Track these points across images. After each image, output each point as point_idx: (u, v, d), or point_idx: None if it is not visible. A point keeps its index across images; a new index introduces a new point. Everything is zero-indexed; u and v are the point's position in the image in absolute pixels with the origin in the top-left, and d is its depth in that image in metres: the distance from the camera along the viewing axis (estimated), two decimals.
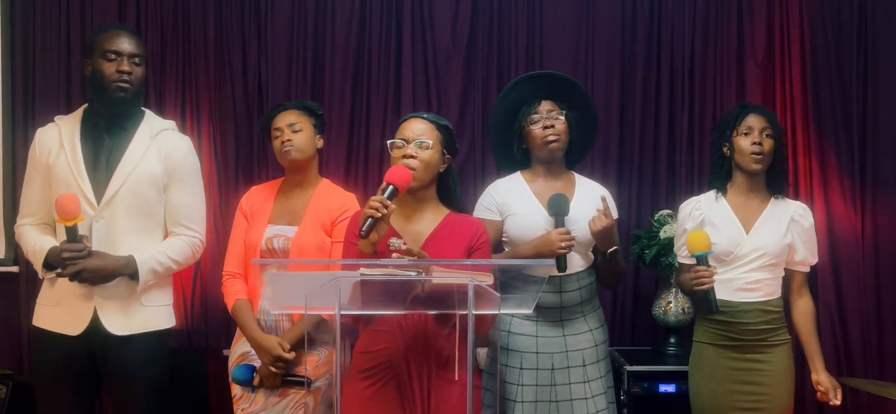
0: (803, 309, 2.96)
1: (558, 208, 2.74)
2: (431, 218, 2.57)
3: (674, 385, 3.36)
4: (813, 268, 3.04)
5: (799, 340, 2.96)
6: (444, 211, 2.61)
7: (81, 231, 2.69)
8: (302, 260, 2.82)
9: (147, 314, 2.82)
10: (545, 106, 2.86)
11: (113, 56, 2.79)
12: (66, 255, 2.64)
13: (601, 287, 2.96)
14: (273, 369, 2.80)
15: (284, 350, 2.79)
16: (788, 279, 2.96)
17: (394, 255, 2.35)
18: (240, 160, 3.77)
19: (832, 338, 3.66)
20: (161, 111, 3.72)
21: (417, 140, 2.52)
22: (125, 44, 2.81)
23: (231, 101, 3.75)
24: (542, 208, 2.81)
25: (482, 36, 3.80)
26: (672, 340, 3.63)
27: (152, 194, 2.83)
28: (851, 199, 3.70)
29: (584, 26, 3.82)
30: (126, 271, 2.74)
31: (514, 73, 3.77)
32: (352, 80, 3.78)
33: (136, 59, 2.81)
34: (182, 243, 2.88)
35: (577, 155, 3.00)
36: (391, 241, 2.47)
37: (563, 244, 2.68)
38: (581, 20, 3.82)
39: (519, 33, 3.80)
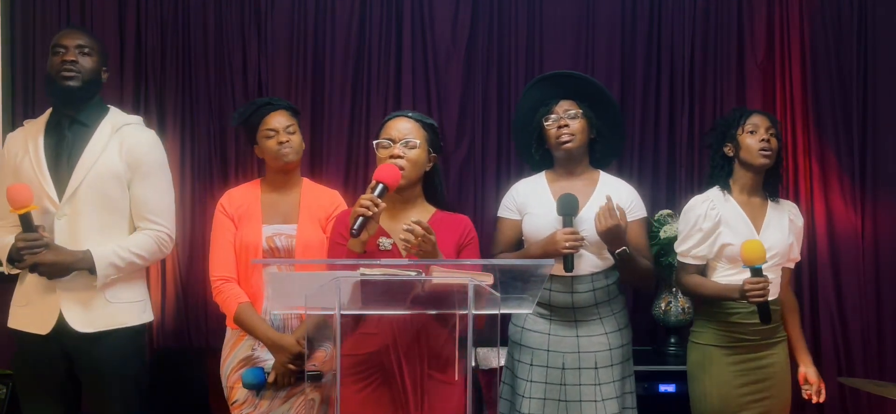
0: (792, 305, 3.04)
1: (566, 208, 2.73)
2: (419, 216, 2.57)
3: (674, 385, 3.36)
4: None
5: (788, 337, 2.99)
6: (431, 209, 2.63)
7: (44, 227, 2.70)
8: (309, 260, 2.83)
9: (114, 311, 2.80)
10: (562, 105, 2.86)
11: (59, 50, 2.80)
12: (20, 244, 2.64)
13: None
14: (292, 367, 2.79)
15: (302, 347, 2.78)
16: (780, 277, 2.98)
17: (401, 247, 2.33)
18: (239, 160, 3.76)
19: (832, 338, 3.66)
20: (161, 111, 3.73)
21: (404, 139, 2.53)
22: (70, 36, 2.83)
23: (231, 101, 3.75)
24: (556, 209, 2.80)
25: (482, 36, 3.80)
26: (672, 340, 3.63)
27: (114, 189, 2.81)
28: (851, 199, 3.70)
29: (584, 26, 3.81)
30: (82, 265, 2.73)
31: (514, 73, 3.78)
32: (352, 80, 3.77)
33: (85, 50, 2.81)
34: (146, 238, 2.85)
35: (601, 154, 2.97)
36: (380, 240, 2.47)
37: (567, 244, 2.67)
38: (581, 20, 3.81)
39: (519, 33, 3.80)
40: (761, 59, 3.77)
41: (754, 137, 2.89)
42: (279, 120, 2.93)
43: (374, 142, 2.59)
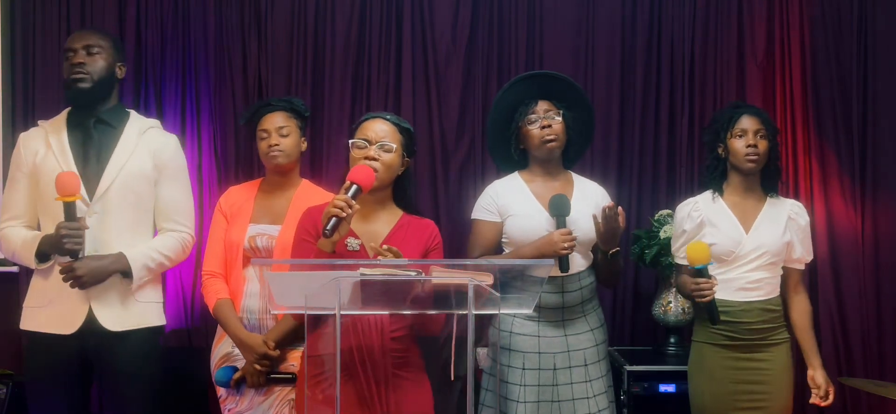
0: (800, 306, 2.98)
1: (560, 209, 2.75)
2: (387, 219, 2.58)
3: (674, 385, 3.36)
4: (812, 267, 3.04)
5: (796, 338, 2.97)
6: (399, 212, 2.62)
7: (84, 219, 2.69)
8: (285, 260, 2.81)
9: (141, 310, 2.83)
10: (542, 106, 2.86)
11: (68, 54, 2.81)
12: (64, 232, 2.61)
13: (600, 287, 2.97)
14: (258, 367, 2.80)
15: (269, 348, 2.79)
16: (785, 277, 2.97)
17: (378, 255, 2.34)
18: (240, 160, 3.77)
19: (832, 338, 3.66)
20: (161, 111, 3.73)
21: (380, 142, 2.52)
22: (79, 39, 2.83)
23: (231, 101, 3.75)
24: (542, 209, 2.81)
25: (482, 36, 3.80)
26: (672, 340, 3.63)
27: (144, 190, 2.84)
28: (851, 199, 3.70)
29: (584, 26, 3.82)
30: (118, 267, 2.74)
31: (514, 73, 3.77)
32: (352, 80, 3.77)
33: (93, 49, 2.81)
34: (173, 240, 2.89)
35: (573, 154, 2.99)
36: (348, 241, 2.47)
37: (565, 245, 2.68)
38: (581, 20, 3.82)
39: (519, 33, 3.80)
40: (761, 59, 3.77)
41: (742, 141, 2.89)
42: (273, 121, 2.94)
43: (350, 141, 2.58)
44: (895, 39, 3.74)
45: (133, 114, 2.94)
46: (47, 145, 2.81)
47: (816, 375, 2.95)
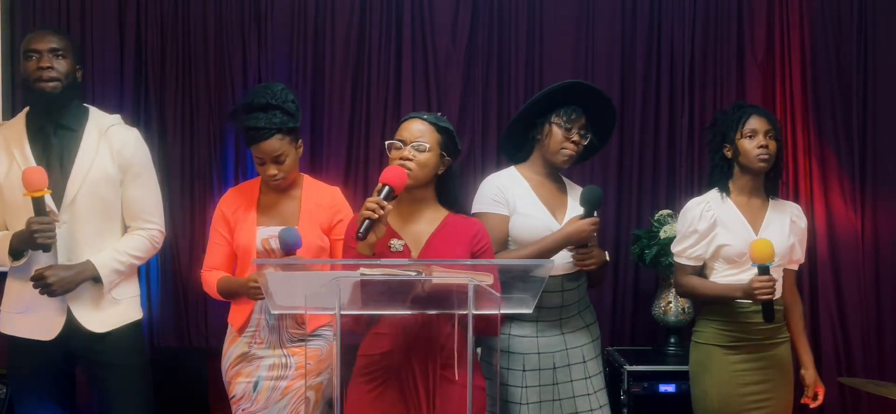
0: (796, 307, 3.02)
1: (594, 202, 2.73)
2: (431, 218, 2.55)
3: (674, 385, 3.36)
4: (812, 267, 3.05)
5: (792, 338, 2.98)
6: (444, 212, 2.59)
7: (55, 212, 2.69)
8: (307, 259, 2.80)
9: (121, 308, 2.84)
10: (581, 121, 2.85)
11: (31, 55, 2.76)
12: (35, 227, 2.60)
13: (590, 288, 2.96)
14: (252, 285, 2.75)
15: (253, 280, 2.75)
16: (783, 278, 2.98)
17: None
18: (239, 160, 3.76)
19: (832, 338, 3.66)
20: (161, 111, 3.73)
21: (415, 142, 2.50)
22: (43, 40, 2.77)
23: (231, 101, 3.75)
24: (545, 209, 2.80)
25: (482, 36, 3.80)
26: (672, 340, 3.63)
27: (109, 193, 2.82)
28: (851, 199, 3.70)
29: (584, 27, 3.82)
30: (87, 275, 2.74)
31: (514, 74, 3.78)
32: (352, 80, 3.77)
33: (59, 52, 2.76)
34: (140, 239, 2.87)
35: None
36: (391, 242, 2.47)
37: (595, 233, 2.72)
38: (581, 20, 3.82)
39: (519, 33, 3.80)
40: (761, 58, 3.77)
41: (752, 142, 2.88)
42: (268, 150, 2.80)
43: (387, 143, 2.57)
44: (895, 39, 3.74)
45: (92, 111, 2.89)
46: (10, 157, 2.78)
47: (807, 375, 2.98)
